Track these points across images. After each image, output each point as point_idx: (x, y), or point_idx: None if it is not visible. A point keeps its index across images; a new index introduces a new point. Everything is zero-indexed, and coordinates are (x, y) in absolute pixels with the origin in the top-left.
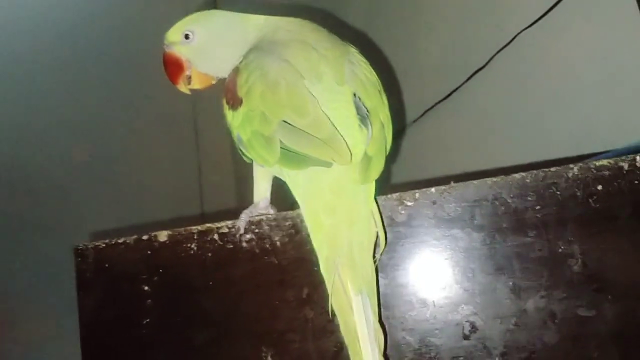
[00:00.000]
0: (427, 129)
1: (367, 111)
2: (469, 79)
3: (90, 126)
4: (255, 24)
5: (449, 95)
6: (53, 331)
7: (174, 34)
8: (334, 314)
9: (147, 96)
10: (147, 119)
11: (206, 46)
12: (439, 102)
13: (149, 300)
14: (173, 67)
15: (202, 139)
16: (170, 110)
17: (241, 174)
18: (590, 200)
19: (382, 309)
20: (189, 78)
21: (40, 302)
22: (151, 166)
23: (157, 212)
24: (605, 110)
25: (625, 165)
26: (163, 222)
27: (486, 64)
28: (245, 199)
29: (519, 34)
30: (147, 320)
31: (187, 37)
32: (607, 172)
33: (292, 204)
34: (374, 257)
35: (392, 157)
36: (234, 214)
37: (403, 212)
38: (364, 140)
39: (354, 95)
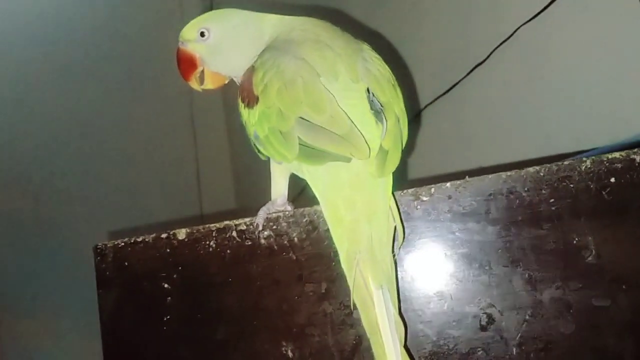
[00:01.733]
0: (427, 124)
1: (382, 106)
2: (469, 73)
3: (85, 129)
4: (270, 24)
5: (449, 90)
6: (74, 330)
7: (189, 32)
8: (355, 308)
9: (144, 98)
10: (144, 121)
11: (221, 45)
12: (439, 97)
13: (169, 298)
14: (186, 64)
15: (200, 141)
16: (167, 112)
17: (239, 175)
18: (604, 193)
19: (400, 302)
20: (202, 79)
21: (60, 301)
22: (149, 169)
23: (155, 215)
24: (605, 104)
25: (637, 158)
26: (162, 224)
27: (486, 58)
28: (243, 199)
29: (519, 28)
30: (168, 317)
31: (202, 34)
32: (619, 165)
33: (295, 196)
34: (392, 251)
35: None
36: (233, 215)
37: (419, 207)
38: (380, 135)
39: (367, 91)
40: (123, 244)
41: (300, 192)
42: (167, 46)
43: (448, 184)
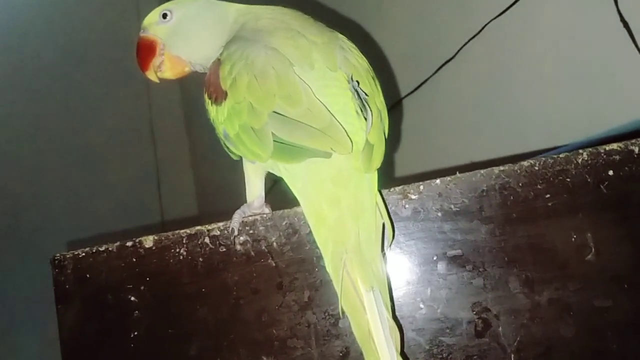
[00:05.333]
0: (396, 122)
1: (366, 95)
2: (437, 70)
3: (39, 133)
4: (235, 9)
5: (418, 87)
6: (32, 350)
7: (151, 16)
8: (343, 314)
9: (102, 101)
10: (101, 124)
11: (183, 26)
12: (408, 94)
13: (137, 312)
14: (145, 51)
15: (159, 145)
16: (125, 114)
17: (201, 180)
18: (602, 187)
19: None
20: (161, 65)
21: (15, 318)
22: (107, 175)
23: (114, 223)
24: (576, 99)
25: (636, 149)
26: (121, 232)
27: (455, 55)
28: (206, 205)
29: (487, 24)
30: (135, 333)
31: (164, 16)
32: (617, 157)
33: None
34: (382, 250)
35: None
36: (196, 221)
37: (408, 206)
38: (362, 127)
39: (351, 79)
40: (84, 254)
41: (271, 188)
42: (124, 49)
43: (438, 181)
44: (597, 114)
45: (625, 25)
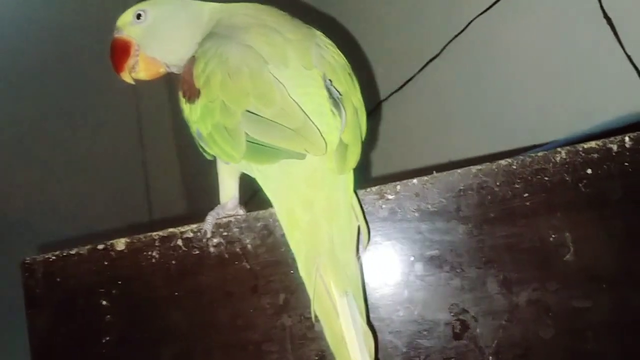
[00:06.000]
0: (381, 121)
1: (340, 94)
2: (422, 68)
3: (28, 133)
4: (211, 8)
5: (403, 85)
6: (12, 351)
7: (125, 16)
8: (317, 319)
9: (87, 97)
10: (89, 125)
11: (158, 26)
12: (392, 93)
13: (108, 316)
14: (119, 52)
15: (147, 143)
16: (113, 114)
17: (190, 177)
18: (580, 185)
19: (368, 310)
20: (135, 66)
21: None
22: (92, 173)
23: (102, 222)
24: (561, 96)
25: (614, 147)
26: (110, 232)
27: (440, 52)
28: (195, 203)
29: (472, 21)
30: (107, 338)
31: (138, 17)
32: (595, 155)
33: (247, 199)
34: (357, 253)
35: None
36: (187, 220)
37: (384, 206)
38: (338, 127)
39: (325, 78)
40: (54, 257)
41: (252, 195)
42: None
43: (415, 181)
44: (581, 112)
45: (609, 22)
